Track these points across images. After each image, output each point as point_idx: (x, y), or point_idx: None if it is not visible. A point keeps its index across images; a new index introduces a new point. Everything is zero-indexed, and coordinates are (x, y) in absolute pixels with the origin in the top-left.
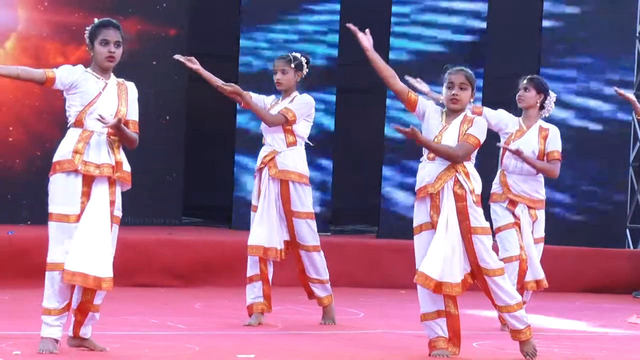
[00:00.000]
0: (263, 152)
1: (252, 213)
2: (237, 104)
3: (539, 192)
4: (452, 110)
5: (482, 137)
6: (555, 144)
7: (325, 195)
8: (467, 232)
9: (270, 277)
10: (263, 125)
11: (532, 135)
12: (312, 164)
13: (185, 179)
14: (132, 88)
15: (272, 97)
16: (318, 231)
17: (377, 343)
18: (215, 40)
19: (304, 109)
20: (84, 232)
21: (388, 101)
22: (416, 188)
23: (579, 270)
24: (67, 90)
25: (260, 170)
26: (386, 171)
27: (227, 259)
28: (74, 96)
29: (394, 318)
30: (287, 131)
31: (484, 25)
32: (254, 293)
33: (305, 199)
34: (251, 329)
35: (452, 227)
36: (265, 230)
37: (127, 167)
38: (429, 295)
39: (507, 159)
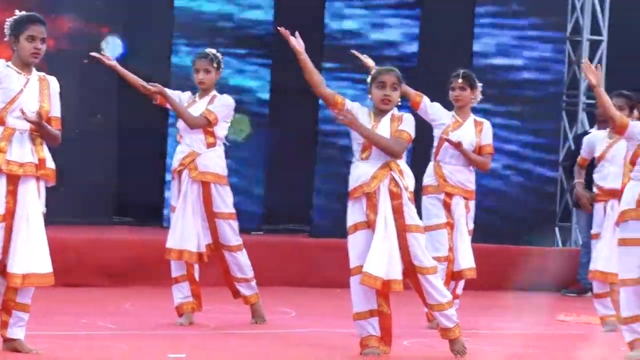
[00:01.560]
0: (181, 153)
1: (172, 214)
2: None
3: (472, 182)
4: (381, 110)
5: (413, 133)
6: (488, 137)
7: (257, 193)
8: (402, 230)
9: (196, 276)
10: (182, 125)
11: (469, 128)
12: (243, 161)
13: (117, 178)
14: (54, 82)
15: (188, 93)
16: (250, 230)
17: (309, 342)
18: (149, 39)
19: (225, 111)
20: (19, 233)
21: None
22: (350, 188)
23: (508, 268)
24: None
25: (180, 172)
26: (319, 169)
27: (159, 258)
28: None
29: (326, 317)
30: (207, 132)
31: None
32: (182, 293)
33: (226, 200)
34: (182, 329)
35: (390, 226)
36: (180, 233)
37: (51, 164)
38: (363, 294)
39: (444, 150)
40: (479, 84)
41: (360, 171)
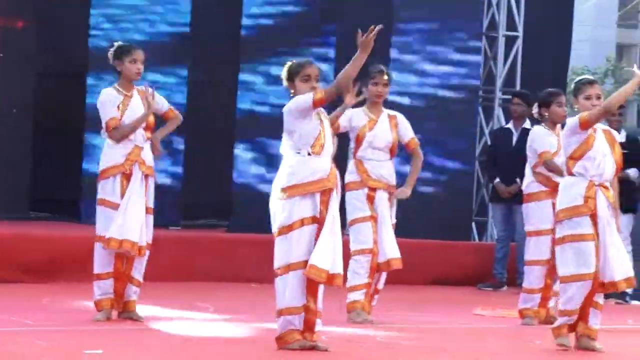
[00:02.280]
0: (124, 149)
1: (102, 208)
2: (85, 97)
3: (394, 176)
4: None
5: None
6: (409, 131)
7: (175, 188)
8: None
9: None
10: (127, 121)
11: (384, 124)
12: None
13: (33, 173)
14: None
15: (110, 90)
16: (169, 225)
17: (227, 337)
18: (63, 32)
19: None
20: None
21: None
22: (296, 182)
23: (425, 262)
24: None
25: (128, 167)
26: (238, 164)
27: (75, 254)
28: None
29: (243, 312)
30: (148, 127)
31: None
32: (101, 289)
33: (153, 195)
34: (99, 325)
35: (337, 222)
36: (122, 224)
37: None
38: (301, 290)
39: (365, 147)
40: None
41: (314, 166)
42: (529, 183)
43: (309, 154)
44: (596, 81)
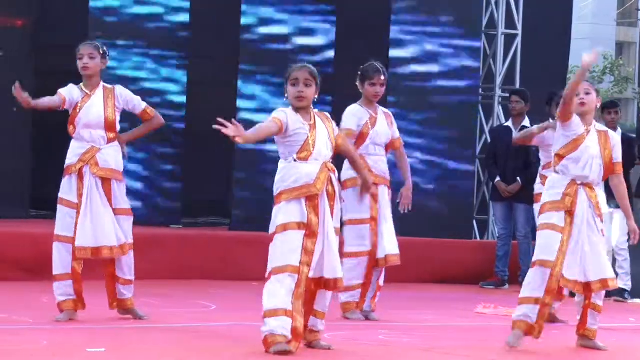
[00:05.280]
0: (80, 149)
1: (60, 207)
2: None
3: (388, 171)
4: (298, 108)
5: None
6: (396, 130)
7: (176, 186)
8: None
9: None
10: (84, 120)
11: (383, 121)
12: (160, 154)
13: (33, 171)
14: None
15: (72, 87)
16: (169, 224)
17: (228, 335)
18: (63, 31)
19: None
20: None
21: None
22: (283, 188)
23: (427, 261)
24: None
25: (80, 168)
26: (238, 163)
27: None
28: None
29: (245, 310)
30: (109, 128)
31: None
32: (61, 290)
33: (124, 196)
34: (102, 323)
35: (329, 226)
36: (91, 230)
37: None
38: (282, 295)
39: (368, 143)
40: None
41: (300, 171)
42: (539, 183)
43: (294, 160)
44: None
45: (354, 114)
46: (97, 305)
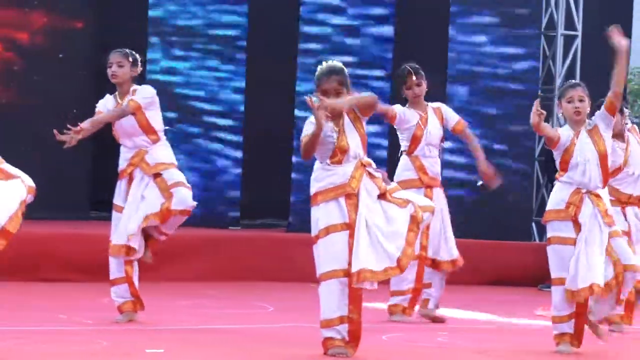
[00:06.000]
0: (129, 153)
1: (113, 212)
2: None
3: (440, 172)
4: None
5: None
6: (453, 116)
7: (234, 188)
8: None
9: (135, 277)
10: (121, 131)
11: (434, 118)
12: (220, 155)
13: (93, 173)
14: None
15: (108, 97)
16: (228, 226)
17: (286, 337)
18: (122, 33)
19: (147, 100)
20: None
21: (298, 83)
22: (318, 190)
23: (485, 263)
24: None
25: (131, 173)
26: (296, 164)
27: None
28: None
29: (304, 312)
30: (148, 132)
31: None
32: (118, 294)
33: (176, 176)
34: (161, 324)
35: (371, 222)
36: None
37: None
38: (335, 300)
39: (422, 144)
40: None
41: (336, 172)
42: None
43: (328, 164)
44: (580, 84)
45: (404, 112)
46: (157, 307)
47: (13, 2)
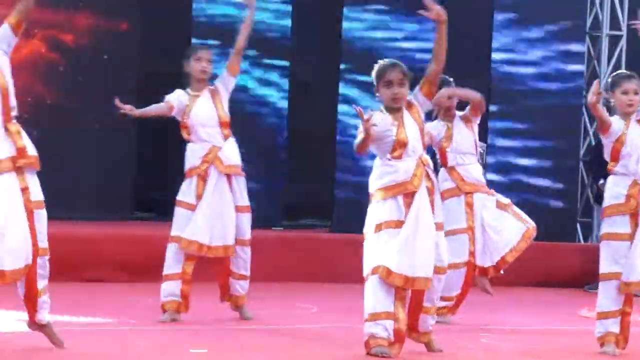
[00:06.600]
0: (201, 150)
1: (178, 209)
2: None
3: (482, 177)
4: (392, 108)
5: None
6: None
7: (277, 188)
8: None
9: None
10: (196, 120)
11: (462, 128)
12: (262, 154)
13: (137, 173)
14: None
15: (179, 92)
16: (271, 226)
17: (329, 338)
18: (167, 35)
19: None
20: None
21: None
22: (380, 186)
23: (530, 264)
24: None
25: (206, 170)
26: (339, 164)
27: None
28: None
29: (347, 313)
30: (223, 125)
31: None
32: (167, 291)
33: (245, 192)
34: (205, 324)
35: (423, 222)
36: (208, 228)
37: (32, 151)
38: (383, 294)
39: (451, 155)
40: None
41: (397, 169)
42: None
43: (389, 160)
44: (634, 75)
45: (433, 127)
46: (201, 306)
47: (58, 3)
